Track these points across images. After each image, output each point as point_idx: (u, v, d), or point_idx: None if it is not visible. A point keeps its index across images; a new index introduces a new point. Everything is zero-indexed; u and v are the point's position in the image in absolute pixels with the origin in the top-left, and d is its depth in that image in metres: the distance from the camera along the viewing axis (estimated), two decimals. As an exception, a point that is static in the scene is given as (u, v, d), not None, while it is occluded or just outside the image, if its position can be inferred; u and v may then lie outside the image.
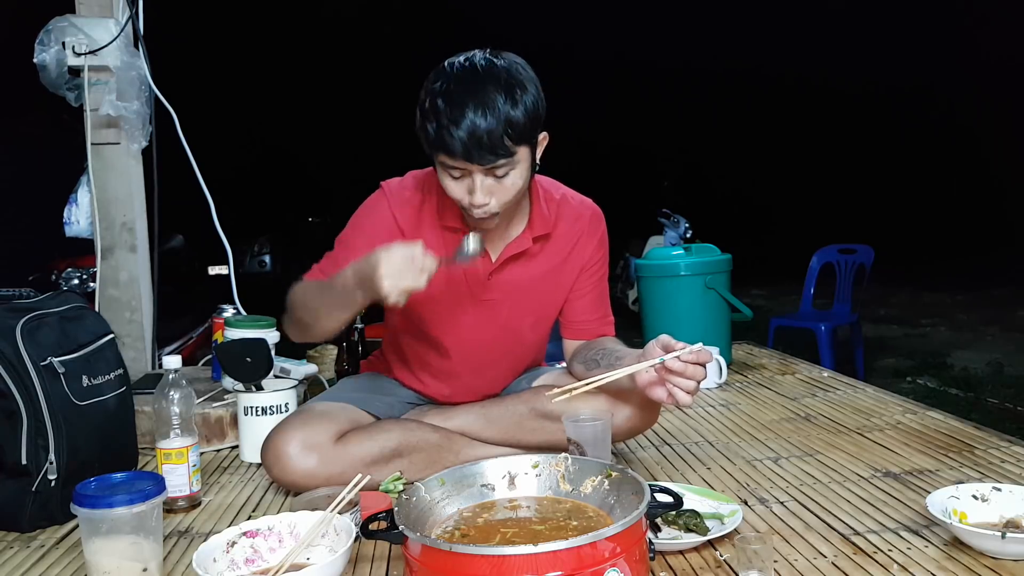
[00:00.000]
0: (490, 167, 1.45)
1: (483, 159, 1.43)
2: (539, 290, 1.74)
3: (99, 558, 1.27)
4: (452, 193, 1.52)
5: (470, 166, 1.44)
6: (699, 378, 1.43)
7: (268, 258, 9.50)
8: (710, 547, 1.38)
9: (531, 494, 1.32)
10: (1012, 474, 1.69)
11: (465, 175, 1.48)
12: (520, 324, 1.77)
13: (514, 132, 1.42)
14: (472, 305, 1.72)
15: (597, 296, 1.81)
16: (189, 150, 2.59)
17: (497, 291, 1.71)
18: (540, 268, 1.73)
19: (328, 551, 1.31)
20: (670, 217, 6.31)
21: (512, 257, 1.69)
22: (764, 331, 4.87)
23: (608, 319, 1.84)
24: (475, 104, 1.40)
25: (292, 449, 1.64)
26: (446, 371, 1.83)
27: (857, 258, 5.11)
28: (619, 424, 1.68)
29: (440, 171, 1.51)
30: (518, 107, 1.42)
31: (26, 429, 1.56)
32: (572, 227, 1.75)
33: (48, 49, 2.43)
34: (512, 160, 1.46)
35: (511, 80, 1.44)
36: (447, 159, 1.45)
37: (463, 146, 1.40)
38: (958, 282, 8.98)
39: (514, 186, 1.50)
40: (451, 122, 1.40)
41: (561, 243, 1.74)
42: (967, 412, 3.75)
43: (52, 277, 4.44)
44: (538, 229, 1.69)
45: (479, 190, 1.47)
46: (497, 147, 1.42)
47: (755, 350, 3.17)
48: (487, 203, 1.49)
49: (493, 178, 1.47)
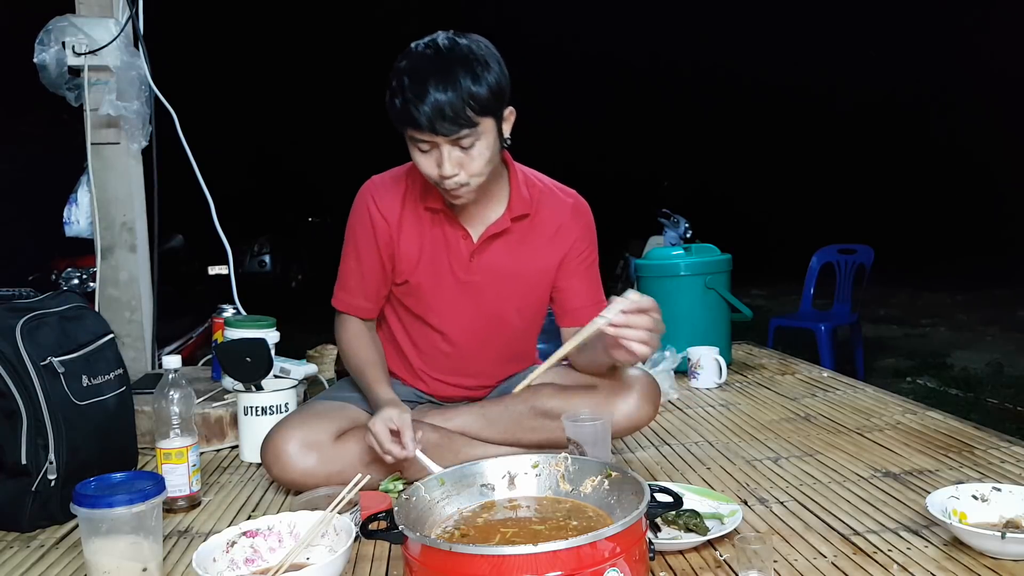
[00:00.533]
0: (455, 138, 1.51)
1: (447, 130, 1.49)
2: (521, 274, 1.77)
3: (99, 558, 1.27)
4: (424, 169, 1.58)
5: (435, 138, 1.51)
6: (645, 326, 1.42)
7: (268, 258, 9.51)
8: (710, 547, 1.38)
9: (531, 494, 1.32)
10: (1012, 474, 1.69)
11: (433, 147, 1.54)
12: (505, 308, 1.79)
13: (476, 104, 1.49)
14: (457, 287, 1.76)
15: (588, 282, 1.83)
16: (189, 150, 2.59)
17: (480, 273, 1.75)
18: (521, 251, 1.76)
19: (328, 551, 1.31)
20: (670, 217, 6.32)
21: (493, 237, 1.73)
22: (764, 331, 4.87)
23: (602, 305, 1.84)
24: (437, 80, 1.47)
25: (292, 448, 1.64)
26: (439, 358, 1.85)
27: (857, 258, 5.11)
28: (618, 419, 1.70)
29: (411, 148, 1.57)
30: (480, 81, 1.49)
31: (26, 429, 1.56)
32: (554, 213, 1.78)
33: (48, 49, 2.43)
34: (475, 131, 1.51)
35: (472, 57, 1.51)
36: (414, 132, 1.52)
37: (427, 118, 1.47)
38: (958, 282, 8.97)
39: (481, 156, 1.55)
40: (415, 96, 1.47)
41: (542, 228, 1.77)
42: (967, 412, 3.75)
43: (52, 277, 4.44)
44: (516, 210, 1.73)
45: (447, 161, 1.53)
46: (460, 118, 1.48)
47: (755, 350, 3.17)
48: (456, 174, 1.55)
49: (460, 149, 1.53)
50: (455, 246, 1.73)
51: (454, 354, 1.83)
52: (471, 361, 1.85)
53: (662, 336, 1.48)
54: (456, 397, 1.91)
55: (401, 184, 1.76)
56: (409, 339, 1.86)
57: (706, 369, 2.59)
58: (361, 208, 1.77)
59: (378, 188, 1.77)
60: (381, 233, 1.74)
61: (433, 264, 1.74)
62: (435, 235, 1.74)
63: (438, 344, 1.83)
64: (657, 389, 1.79)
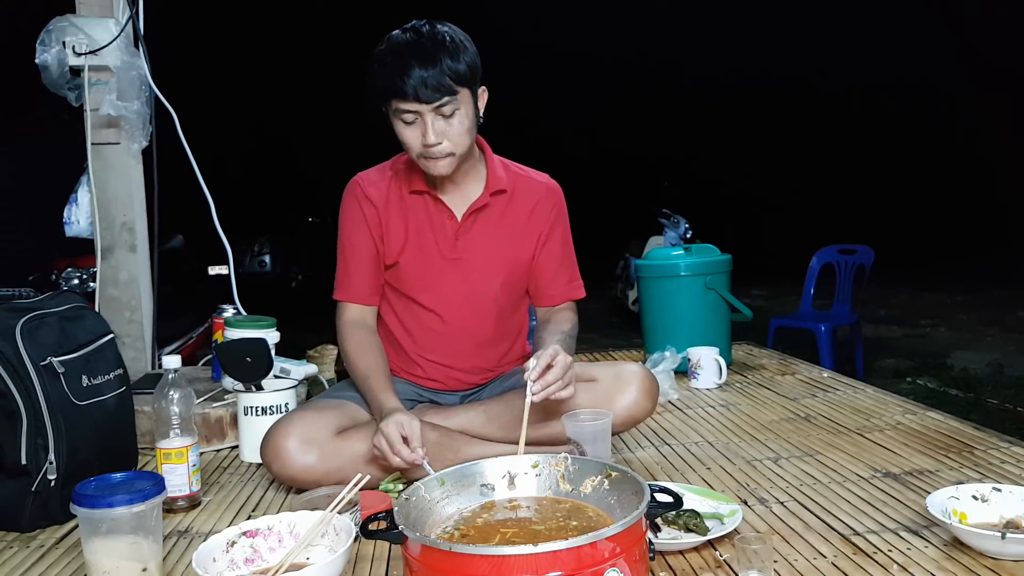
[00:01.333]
0: (437, 105, 1.62)
1: (430, 96, 1.61)
2: (504, 249, 1.86)
3: (99, 558, 1.27)
4: (408, 141, 1.68)
5: (420, 106, 1.62)
6: (557, 378, 1.58)
7: (268, 258, 9.49)
8: (710, 547, 1.38)
9: (531, 494, 1.32)
10: (1012, 475, 1.69)
11: (417, 118, 1.64)
12: (492, 283, 1.87)
13: (455, 75, 1.62)
14: (444, 265, 1.84)
15: (559, 261, 1.92)
16: (189, 150, 2.59)
17: (465, 250, 1.84)
18: (502, 228, 1.86)
19: (328, 551, 1.31)
20: (670, 217, 6.32)
21: (475, 214, 1.83)
22: (764, 331, 4.87)
23: (575, 283, 1.95)
24: (420, 57, 1.60)
25: (291, 444, 1.65)
26: (432, 338, 1.88)
27: (857, 258, 5.11)
28: (618, 413, 1.73)
29: (395, 122, 1.67)
30: (458, 59, 1.63)
31: (26, 429, 1.56)
32: (529, 193, 1.90)
33: (49, 49, 2.43)
34: (456, 99, 1.64)
35: (450, 38, 1.65)
36: (399, 103, 1.63)
37: (412, 87, 1.59)
38: (958, 283, 8.97)
39: (461, 125, 1.67)
40: (399, 67, 1.60)
41: (519, 207, 1.88)
42: (967, 413, 3.75)
43: (52, 277, 4.44)
44: (494, 186, 1.84)
45: (430, 130, 1.64)
46: (442, 86, 1.61)
47: (755, 350, 3.17)
48: (440, 142, 1.66)
49: (442, 119, 1.65)
50: (440, 226, 1.83)
51: (446, 332, 1.87)
52: (463, 339, 1.89)
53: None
54: (452, 383, 1.92)
55: (386, 173, 1.87)
56: (401, 324, 1.90)
57: (706, 369, 2.59)
58: (350, 198, 1.87)
59: (364, 178, 1.88)
60: (370, 216, 1.83)
61: (420, 244, 1.83)
62: (420, 216, 1.83)
63: (430, 324, 1.87)
64: (655, 384, 1.84)
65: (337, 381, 2.30)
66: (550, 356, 1.59)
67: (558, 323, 1.84)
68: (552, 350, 1.60)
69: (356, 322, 1.86)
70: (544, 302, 1.93)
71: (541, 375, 1.57)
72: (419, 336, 1.89)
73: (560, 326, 1.81)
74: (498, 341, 1.93)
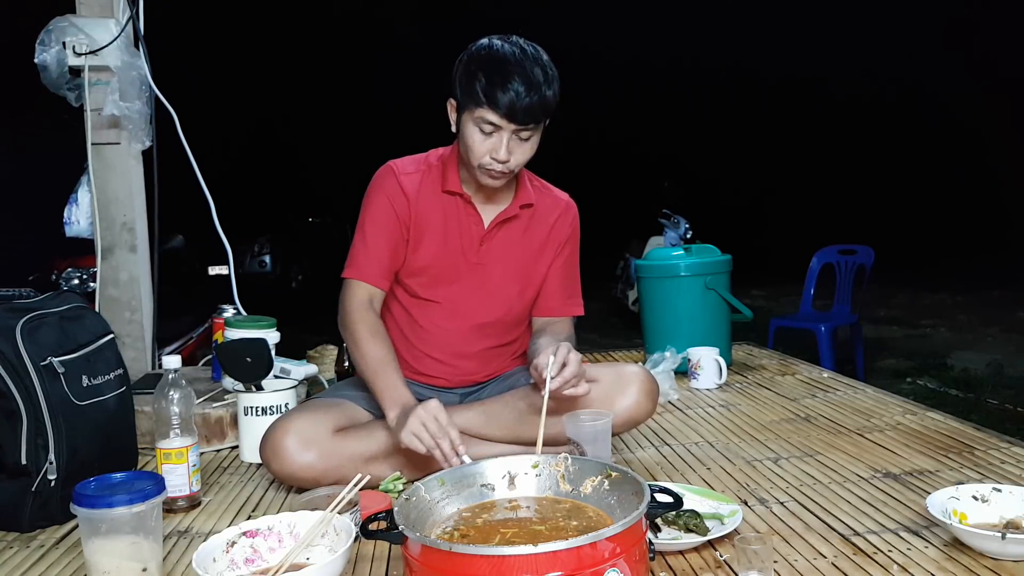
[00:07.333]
0: (521, 128, 1.65)
1: (521, 119, 1.63)
2: (525, 259, 1.89)
3: (99, 558, 1.27)
4: (475, 148, 1.68)
5: (508, 124, 1.64)
6: (574, 374, 1.59)
7: (268, 258, 9.49)
8: (710, 547, 1.38)
9: (531, 494, 1.32)
10: (1012, 475, 1.69)
11: (495, 132, 1.65)
12: (509, 290, 1.88)
13: (548, 107, 1.66)
14: (467, 268, 1.85)
15: (565, 276, 1.94)
16: (189, 150, 2.59)
17: (488, 256, 1.86)
18: (524, 239, 1.88)
19: (328, 551, 1.31)
20: (670, 217, 6.31)
21: (502, 223, 1.85)
22: (764, 332, 4.87)
23: (575, 299, 1.97)
24: (521, 75, 1.62)
25: (290, 442, 1.65)
26: (439, 335, 1.88)
27: (857, 259, 5.11)
28: (619, 413, 1.73)
29: (468, 126, 1.68)
30: (551, 86, 1.66)
31: (26, 429, 1.56)
32: (552, 208, 1.92)
33: (49, 49, 2.43)
34: (538, 127, 1.69)
35: (550, 68, 1.68)
36: (488, 114, 1.63)
37: (509, 105, 1.61)
38: (958, 283, 8.96)
39: (531, 150, 1.71)
40: (503, 81, 1.61)
41: (542, 220, 1.90)
42: (967, 413, 3.75)
43: (52, 277, 4.44)
44: (523, 199, 1.87)
45: (504, 147, 1.65)
46: (535, 112, 1.63)
47: (755, 351, 3.17)
48: (509, 160, 1.67)
49: (518, 140, 1.67)
50: (467, 230, 1.84)
51: (454, 331, 1.87)
52: (470, 341, 1.89)
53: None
54: (455, 380, 1.92)
55: (420, 166, 1.86)
56: (410, 317, 1.89)
57: (706, 370, 2.58)
58: (382, 182, 1.84)
59: (399, 166, 1.86)
60: (399, 204, 1.81)
61: (445, 243, 1.84)
62: (450, 216, 1.83)
63: (439, 321, 1.87)
64: (656, 385, 1.84)
65: (337, 381, 2.29)
66: (564, 354, 1.60)
67: (555, 333, 1.84)
68: (565, 348, 1.61)
69: (365, 305, 1.78)
70: (543, 313, 1.94)
71: (559, 372, 1.58)
72: (426, 332, 1.88)
73: (557, 336, 1.80)
74: (504, 344, 1.94)
